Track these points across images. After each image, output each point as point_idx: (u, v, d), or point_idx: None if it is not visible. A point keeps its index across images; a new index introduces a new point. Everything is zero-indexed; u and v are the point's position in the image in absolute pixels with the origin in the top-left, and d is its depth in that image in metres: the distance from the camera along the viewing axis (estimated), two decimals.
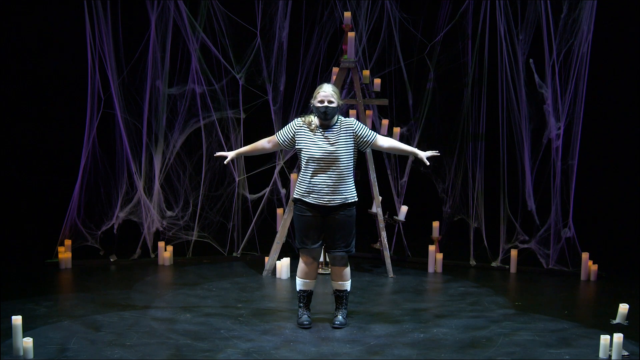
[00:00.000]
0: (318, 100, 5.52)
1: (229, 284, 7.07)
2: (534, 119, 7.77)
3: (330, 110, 5.51)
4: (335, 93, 5.54)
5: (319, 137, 5.54)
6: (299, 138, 5.60)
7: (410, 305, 6.46)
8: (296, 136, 5.61)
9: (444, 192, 8.26)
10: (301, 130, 5.60)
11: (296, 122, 5.65)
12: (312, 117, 5.64)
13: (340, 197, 5.55)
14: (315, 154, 5.51)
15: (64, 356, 4.95)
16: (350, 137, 5.59)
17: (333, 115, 5.56)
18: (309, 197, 5.56)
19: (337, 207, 5.56)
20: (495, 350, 5.27)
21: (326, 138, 5.53)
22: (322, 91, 5.52)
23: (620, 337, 5.10)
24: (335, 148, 5.51)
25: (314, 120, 5.61)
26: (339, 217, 5.57)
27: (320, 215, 5.58)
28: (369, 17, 8.06)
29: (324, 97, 5.50)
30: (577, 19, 7.54)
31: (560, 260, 7.72)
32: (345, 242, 5.62)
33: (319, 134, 5.55)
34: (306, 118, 5.65)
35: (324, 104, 5.50)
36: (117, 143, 7.77)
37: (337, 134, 5.56)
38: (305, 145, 5.56)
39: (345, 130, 5.59)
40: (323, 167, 5.52)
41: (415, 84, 8.18)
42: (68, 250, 7.52)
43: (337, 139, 5.54)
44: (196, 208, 8.07)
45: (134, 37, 7.76)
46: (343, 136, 5.56)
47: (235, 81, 8.06)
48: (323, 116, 5.52)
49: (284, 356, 5.09)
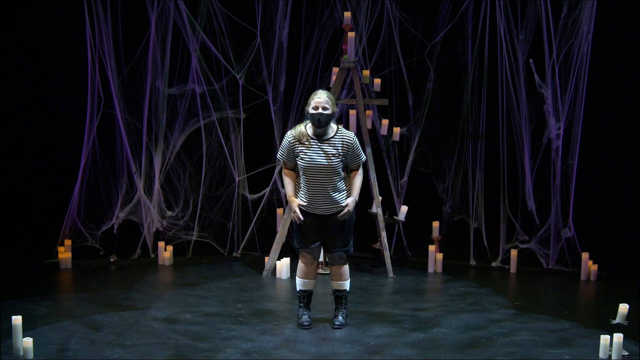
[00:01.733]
0: (312, 106, 5.40)
1: (229, 284, 7.07)
2: (534, 119, 7.77)
3: (324, 118, 5.38)
4: (330, 100, 5.40)
5: (315, 149, 5.43)
6: (297, 150, 5.49)
7: (410, 305, 6.46)
8: (294, 150, 5.50)
9: (444, 192, 8.26)
10: (296, 143, 5.47)
11: (288, 137, 5.50)
12: (303, 127, 5.51)
13: (337, 205, 5.54)
14: (311, 166, 5.43)
15: (64, 356, 4.95)
16: (344, 150, 5.46)
17: (327, 122, 5.42)
18: (307, 208, 5.56)
19: (335, 213, 5.57)
20: (495, 350, 5.27)
21: (322, 151, 5.42)
22: (317, 97, 5.40)
23: (620, 337, 5.10)
24: (332, 162, 5.42)
25: (305, 131, 5.48)
26: (336, 220, 5.58)
27: (318, 218, 5.60)
28: (369, 17, 8.06)
29: (318, 104, 5.38)
30: (577, 19, 7.54)
31: (560, 260, 7.72)
32: (344, 242, 5.63)
33: (315, 145, 5.44)
34: (297, 130, 5.50)
35: (318, 110, 5.38)
36: (117, 143, 7.77)
37: (334, 146, 5.45)
38: (301, 156, 5.46)
39: (341, 143, 5.46)
40: (319, 179, 5.46)
41: (415, 84, 8.18)
42: (68, 250, 7.52)
43: (333, 152, 5.43)
44: (196, 208, 8.07)
45: (134, 37, 7.75)
46: (339, 148, 5.45)
47: (235, 81, 8.05)
48: (317, 123, 5.39)
49: (284, 356, 5.09)
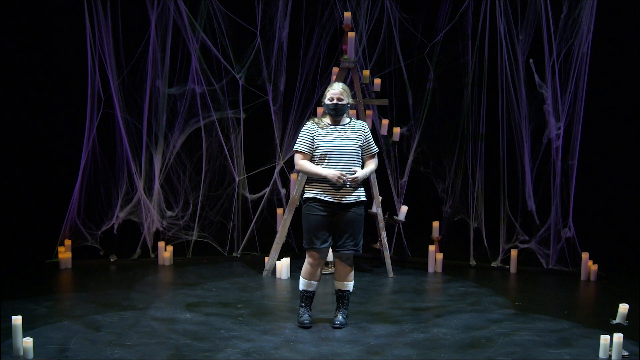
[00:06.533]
0: (328, 98, 5.69)
1: (229, 284, 7.08)
2: (534, 119, 7.78)
3: (340, 107, 5.66)
4: (345, 91, 5.69)
5: (332, 132, 5.67)
6: (316, 138, 5.67)
7: (410, 305, 6.46)
8: (314, 137, 5.68)
9: (444, 192, 8.26)
10: (315, 129, 5.70)
11: (307, 125, 5.75)
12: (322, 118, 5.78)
13: (354, 194, 5.63)
14: (329, 148, 5.60)
15: (64, 356, 4.95)
16: (361, 136, 5.71)
17: (343, 112, 5.69)
18: (324, 195, 5.59)
19: (350, 204, 5.60)
20: (495, 350, 5.27)
21: (338, 132, 5.66)
22: (332, 89, 5.70)
23: (620, 337, 5.10)
24: (348, 141, 5.64)
25: (323, 120, 5.74)
26: (349, 215, 5.60)
27: (331, 214, 5.60)
28: (369, 17, 8.06)
29: (334, 95, 5.66)
30: (577, 19, 7.54)
31: (560, 260, 7.72)
32: (355, 241, 5.64)
33: (332, 129, 5.68)
34: (315, 119, 5.79)
35: (334, 101, 5.65)
36: (117, 143, 7.78)
37: (349, 130, 5.69)
38: (320, 142, 5.64)
39: (356, 129, 5.72)
40: (338, 162, 5.59)
41: (415, 84, 8.18)
42: (68, 250, 7.52)
43: (349, 133, 5.67)
44: (196, 208, 8.07)
45: (134, 37, 7.76)
46: (355, 132, 5.70)
47: (235, 81, 8.06)
48: (333, 112, 5.67)
49: (284, 356, 5.09)
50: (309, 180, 5.71)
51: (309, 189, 5.67)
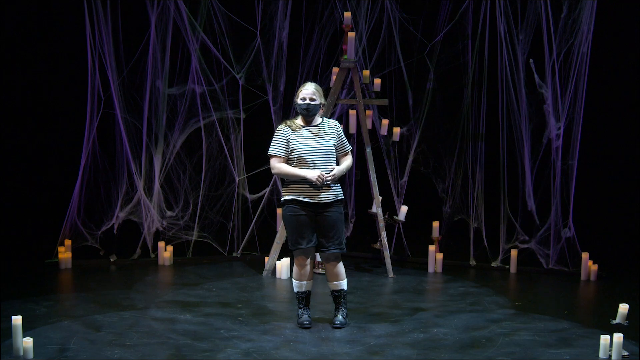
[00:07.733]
0: (300, 97, 5.66)
1: (229, 284, 7.07)
2: (534, 119, 7.77)
3: (312, 107, 5.64)
4: (318, 91, 5.67)
5: (306, 133, 5.66)
6: (291, 141, 5.66)
7: (410, 305, 6.46)
8: (289, 140, 5.66)
9: (444, 192, 8.26)
10: (288, 133, 5.68)
11: (281, 129, 5.72)
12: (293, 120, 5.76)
13: (332, 192, 5.65)
14: (305, 150, 5.60)
15: (64, 356, 4.95)
16: (334, 135, 5.72)
17: (315, 112, 5.68)
18: (302, 196, 5.60)
19: (329, 203, 5.62)
20: (495, 350, 5.27)
21: (311, 133, 5.66)
22: (304, 89, 5.68)
23: (620, 337, 5.10)
24: (323, 141, 5.65)
25: (295, 122, 5.72)
26: (330, 214, 5.62)
27: (311, 214, 5.62)
28: (369, 17, 8.06)
29: (306, 95, 5.65)
30: (577, 19, 7.54)
31: (560, 260, 7.72)
32: (339, 240, 5.68)
33: (307, 132, 5.67)
34: (286, 122, 5.76)
35: (306, 101, 5.64)
36: (117, 143, 7.77)
37: (322, 130, 5.70)
38: (295, 144, 5.63)
39: (329, 128, 5.72)
40: (315, 163, 5.59)
41: (415, 84, 8.18)
42: (68, 250, 7.52)
43: (322, 134, 5.67)
44: (196, 208, 8.07)
45: (134, 37, 7.76)
46: (328, 132, 5.70)
47: (235, 81, 8.06)
48: (305, 112, 5.65)
49: (284, 356, 5.09)
50: (287, 183, 5.71)
51: (287, 191, 5.68)
